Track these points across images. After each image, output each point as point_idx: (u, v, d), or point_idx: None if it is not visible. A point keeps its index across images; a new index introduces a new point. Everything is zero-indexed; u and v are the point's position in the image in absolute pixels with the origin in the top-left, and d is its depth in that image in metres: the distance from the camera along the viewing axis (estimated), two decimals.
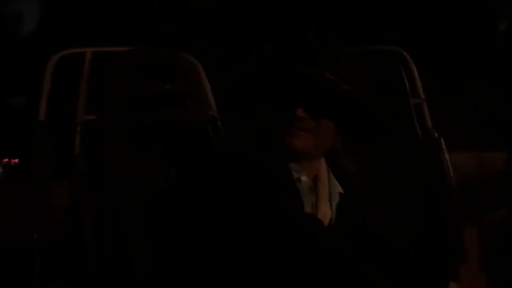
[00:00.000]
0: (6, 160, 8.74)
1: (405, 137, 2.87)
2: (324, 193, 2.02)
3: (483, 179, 3.46)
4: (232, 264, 1.86)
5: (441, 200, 2.81)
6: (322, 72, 2.07)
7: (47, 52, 3.09)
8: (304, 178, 1.96)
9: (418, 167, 2.84)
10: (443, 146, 2.92)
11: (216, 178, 1.99)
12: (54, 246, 2.80)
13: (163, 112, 3.02)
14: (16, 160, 8.54)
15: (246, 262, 1.85)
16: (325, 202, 2.00)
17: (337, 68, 2.23)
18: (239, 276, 1.85)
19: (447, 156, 2.89)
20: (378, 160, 2.76)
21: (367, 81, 2.83)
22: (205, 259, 1.86)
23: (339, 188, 2.06)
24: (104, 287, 2.59)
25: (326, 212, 2.00)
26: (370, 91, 2.67)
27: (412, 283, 2.13)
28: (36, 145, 3.02)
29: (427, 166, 2.85)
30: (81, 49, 3.14)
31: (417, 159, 2.85)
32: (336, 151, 2.05)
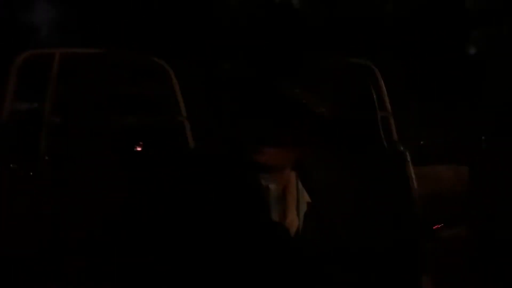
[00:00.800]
0: None
1: (371, 149, 2.91)
2: (292, 203, 2.04)
3: (459, 191, 3.53)
4: (201, 269, 1.86)
5: (403, 211, 2.85)
6: (291, 89, 2.10)
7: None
8: (272, 186, 1.97)
9: (383, 178, 2.88)
10: (408, 159, 2.97)
11: (184, 183, 1.99)
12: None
13: (131, 116, 3.01)
14: None
15: (214, 267, 1.86)
16: (292, 211, 2.03)
17: (307, 81, 2.25)
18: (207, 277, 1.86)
19: (411, 169, 2.95)
20: (345, 171, 2.79)
21: (336, 94, 2.86)
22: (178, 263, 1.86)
23: (307, 198, 2.09)
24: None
25: (293, 221, 2.02)
26: (338, 103, 2.70)
27: None
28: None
29: (391, 178, 2.89)
30: (48, 50, 3.10)
31: (382, 171, 2.89)
32: (305, 162, 2.07)
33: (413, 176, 2.94)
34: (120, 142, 3.01)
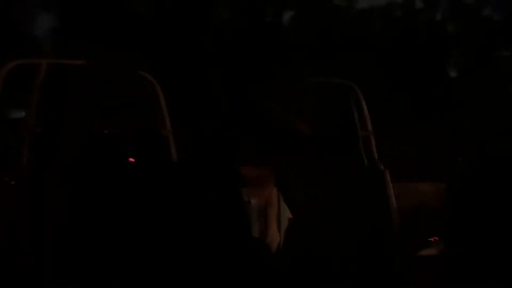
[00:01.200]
0: None
1: (351, 166, 2.96)
2: (273, 218, 2.08)
3: (439, 208, 3.58)
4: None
5: (381, 228, 2.90)
6: (272, 108, 2.15)
7: None
8: (254, 201, 2.01)
9: (362, 196, 2.93)
10: (388, 177, 3.02)
11: (166, 197, 2.02)
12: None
13: (115, 127, 3.02)
14: None
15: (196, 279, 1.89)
16: (274, 226, 2.06)
17: (289, 100, 2.30)
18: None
19: (390, 187, 2.99)
20: (325, 188, 2.83)
21: (317, 112, 2.92)
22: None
23: (288, 214, 2.13)
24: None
25: (274, 236, 2.06)
26: (319, 121, 2.76)
27: None
28: None
29: (371, 195, 2.94)
30: (36, 60, 3.11)
31: (362, 188, 2.94)
32: (286, 178, 2.11)
33: (392, 194, 2.99)
34: (104, 152, 3.01)
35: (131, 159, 2.87)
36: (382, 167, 3.04)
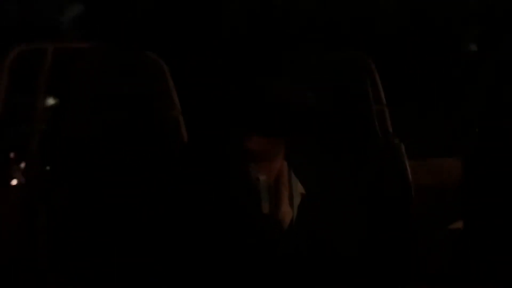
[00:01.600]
0: None
1: (365, 140, 2.89)
2: (285, 194, 2.02)
3: (458, 185, 3.48)
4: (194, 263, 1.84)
5: (397, 204, 2.83)
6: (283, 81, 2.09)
7: None
8: (263, 177, 1.95)
9: (377, 170, 2.86)
10: (403, 152, 2.94)
11: (175, 179, 1.97)
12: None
13: (125, 112, 2.97)
14: None
15: (206, 260, 1.84)
16: (286, 202, 2.01)
17: (300, 73, 2.23)
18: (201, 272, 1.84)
19: (406, 161, 2.92)
20: (338, 163, 2.77)
21: (330, 86, 2.85)
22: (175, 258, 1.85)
23: (301, 189, 2.07)
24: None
25: (286, 213, 2.00)
26: (332, 96, 2.69)
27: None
28: None
29: (386, 170, 2.87)
30: (41, 45, 3.09)
31: (376, 162, 2.87)
32: (297, 152, 2.05)
33: (408, 168, 2.91)
34: (114, 139, 2.97)
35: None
36: (397, 141, 2.97)
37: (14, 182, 3.02)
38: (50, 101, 3.12)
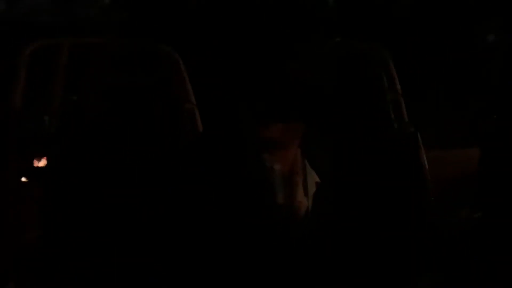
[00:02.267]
0: None
1: (381, 130, 2.87)
2: (299, 183, 2.02)
3: (475, 176, 3.45)
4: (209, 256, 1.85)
5: (413, 193, 2.81)
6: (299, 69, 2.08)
7: None
8: (277, 167, 1.95)
9: (392, 159, 2.84)
10: (419, 141, 2.92)
11: (189, 169, 1.98)
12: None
13: (138, 105, 2.99)
14: None
15: (222, 253, 1.84)
16: (300, 192, 2.00)
17: (315, 62, 2.22)
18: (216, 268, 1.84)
19: (422, 150, 2.90)
20: (353, 152, 2.76)
21: (344, 75, 2.84)
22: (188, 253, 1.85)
23: (315, 178, 2.06)
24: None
25: (302, 202, 2.00)
26: (346, 84, 2.68)
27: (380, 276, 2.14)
28: (10, 135, 2.98)
29: (401, 159, 2.85)
30: (58, 40, 3.11)
31: (392, 151, 2.85)
32: (312, 140, 2.05)
33: (424, 157, 2.89)
34: (129, 132, 2.98)
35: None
36: (413, 130, 2.95)
37: (23, 179, 3.04)
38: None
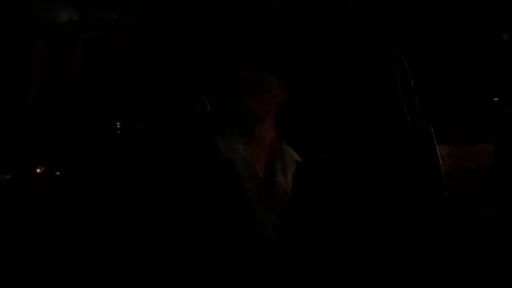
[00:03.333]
0: None
1: (392, 124, 2.79)
2: (278, 163, 1.92)
3: (490, 171, 3.29)
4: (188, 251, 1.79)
5: (426, 186, 2.71)
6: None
7: None
8: (250, 146, 1.85)
9: (405, 153, 2.75)
10: (432, 133, 2.81)
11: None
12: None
13: (149, 97, 2.99)
14: None
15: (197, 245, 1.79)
16: (278, 172, 1.90)
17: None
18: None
19: (435, 143, 2.79)
20: (365, 146, 2.68)
21: (358, 69, 2.77)
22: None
23: (296, 157, 1.96)
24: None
25: (280, 182, 1.90)
26: (359, 78, 2.61)
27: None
28: (26, 133, 3.00)
29: (415, 153, 2.75)
30: (71, 35, 3.14)
31: (404, 146, 2.76)
32: (291, 118, 1.96)
33: (437, 151, 2.77)
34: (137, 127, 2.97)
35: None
36: (426, 124, 2.85)
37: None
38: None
